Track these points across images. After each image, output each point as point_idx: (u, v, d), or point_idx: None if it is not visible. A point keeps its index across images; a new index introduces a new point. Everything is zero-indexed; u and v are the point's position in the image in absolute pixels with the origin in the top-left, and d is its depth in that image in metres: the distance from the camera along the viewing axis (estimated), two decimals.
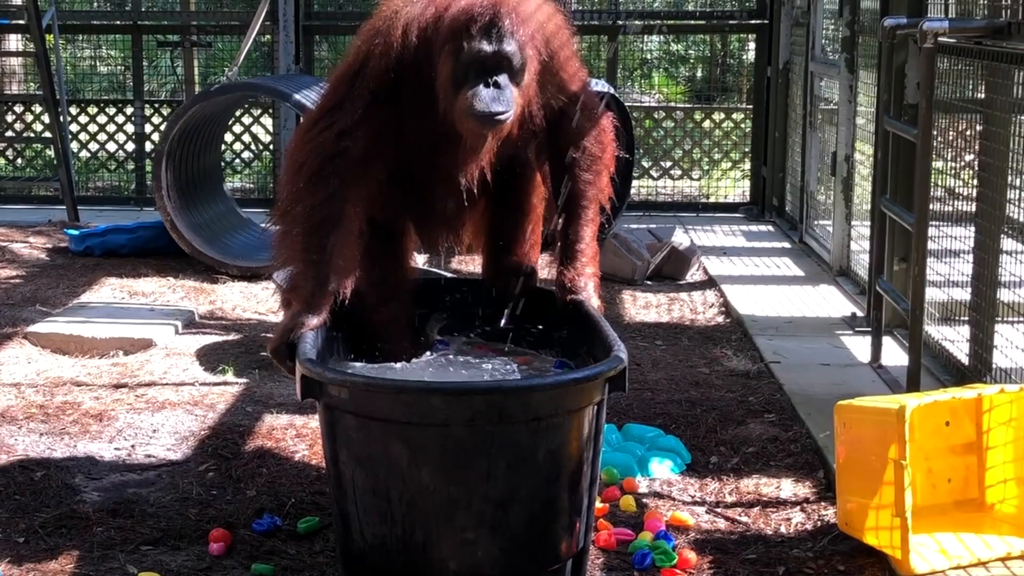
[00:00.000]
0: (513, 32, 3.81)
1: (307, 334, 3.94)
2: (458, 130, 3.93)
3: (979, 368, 5.44)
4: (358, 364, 4.28)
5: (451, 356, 4.40)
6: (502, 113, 3.81)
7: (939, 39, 5.37)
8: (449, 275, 6.63)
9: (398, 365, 4.30)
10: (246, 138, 11.96)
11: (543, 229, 4.61)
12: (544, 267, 8.81)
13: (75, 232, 9.19)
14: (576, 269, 4.31)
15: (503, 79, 3.82)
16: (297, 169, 4.03)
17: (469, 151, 4.03)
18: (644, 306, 7.79)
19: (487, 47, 3.79)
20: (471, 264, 8.03)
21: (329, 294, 4.02)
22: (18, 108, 12.21)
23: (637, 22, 11.29)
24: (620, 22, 11.31)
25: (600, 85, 9.82)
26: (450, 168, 4.12)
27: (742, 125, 11.65)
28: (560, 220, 4.33)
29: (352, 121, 3.98)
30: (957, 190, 6.22)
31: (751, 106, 11.51)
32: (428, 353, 4.43)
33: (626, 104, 10.23)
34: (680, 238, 8.68)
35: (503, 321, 4.50)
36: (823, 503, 4.65)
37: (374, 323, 4.34)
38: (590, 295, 4.30)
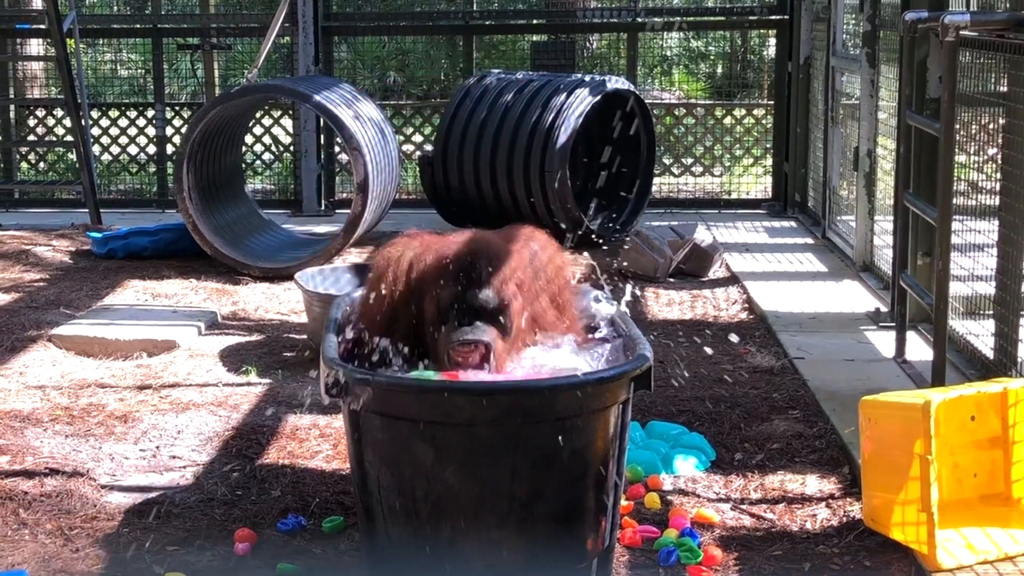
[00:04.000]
0: (488, 277, 3.98)
1: (330, 336, 3.96)
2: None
3: (1004, 362, 5.41)
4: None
5: None
6: (474, 351, 3.91)
7: (961, 32, 5.35)
8: None
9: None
10: (267, 140, 11.99)
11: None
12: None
13: (98, 235, 9.23)
14: None
15: (481, 319, 3.95)
16: None
17: None
18: (667, 303, 7.78)
19: (459, 291, 3.97)
20: None
21: None
22: (40, 112, 12.26)
23: (657, 19, 11.28)
24: (640, 19, 11.31)
25: (621, 83, 9.82)
26: None
27: (763, 121, 11.63)
28: None
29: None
30: (980, 184, 6.19)
31: (772, 102, 11.48)
32: None
33: (646, 101, 10.23)
34: (702, 235, 8.67)
35: None
36: (848, 499, 4.64)
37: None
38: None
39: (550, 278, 4.24)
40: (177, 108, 12.09)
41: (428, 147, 11.35)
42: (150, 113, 11.82)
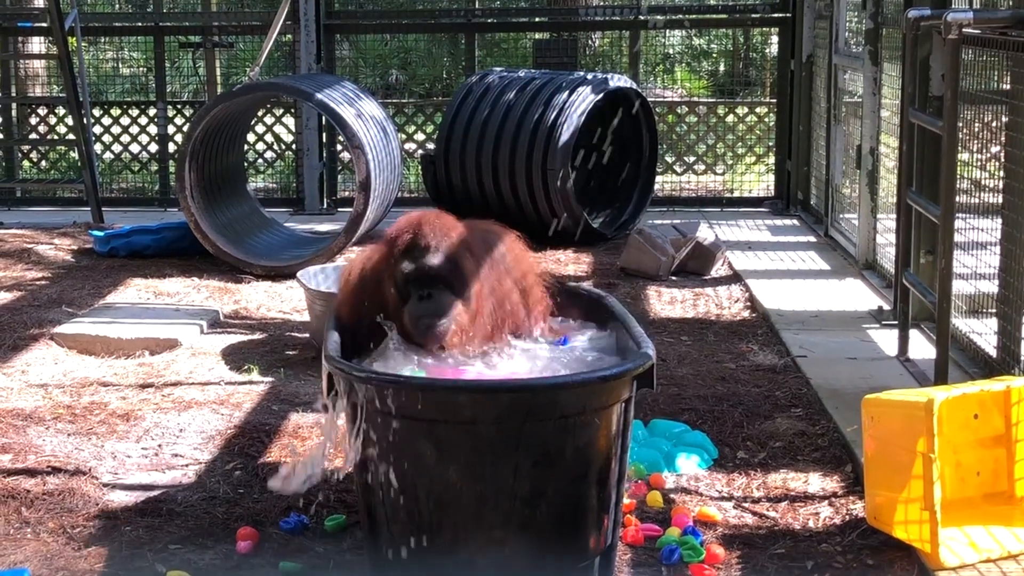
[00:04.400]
0: (435, 246, 4.13)
1: (332, 333, 3.96)
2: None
3: (1007, 360, 5.41)
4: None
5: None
6: (436, 323, 4.07)
7: (964, 30, 5.34)
8: None
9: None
10: (268, 138, 11.99)
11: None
12: (567, 263, 8.81)
13: (100, 233, 9.22)
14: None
15: (435, 290, 4.10)
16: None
17: None
18: (669, 302, 7.77)
19: (411, 266, 4.12)
20: None
21: None
22: (42, 111, 12.26)
23: (659, 17, 11.27)
24: (642, 17, 11.30)
25: (623, 81, 9.81)
26: None
27: (766, 119, 11.61)
28: None
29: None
30: (983, 182, 6.19)
31: (774, 100, 11.47)
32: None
33: (649, 99, 10.23)
34: (704, 233, 8.66)
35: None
36: (851, 497, 4.63)
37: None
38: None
39: (510, 266, 4.36)
40: (179, 106, 12.08)
41: (430, 145, 11.35)
42: (152, 111, 11.82)
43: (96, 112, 11.90)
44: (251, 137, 11.50)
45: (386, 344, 4.14)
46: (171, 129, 11.74)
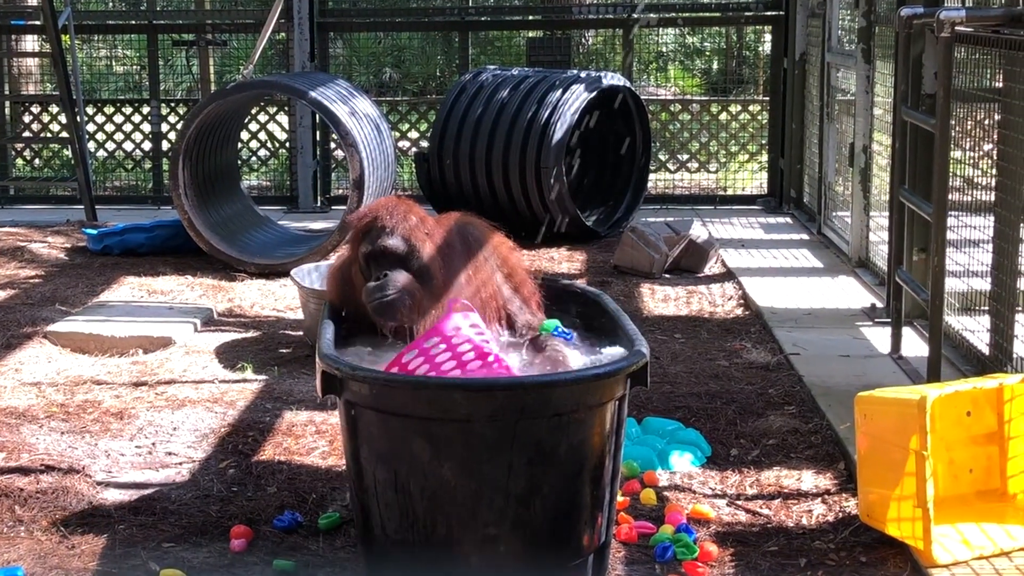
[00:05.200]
0: (391, 228, 4.30)
1: (326, 331, 3.96)
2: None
3: (1000, 358, 5.42)
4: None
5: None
6: (386, 297, 4.21)
7: (956, 28, 5.35)
8: None
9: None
10: (262, 136, 11.98)
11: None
12: (561, 261, 8.81)
13: (93, 231, 9.22)
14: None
15: (392, 270, 4.25)
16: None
17: None
18: (663, 299, 7.78)
19: (368, 247, 4.32)
20: None
21: None
22: (35, 109, 12.25)
23: (652, 15, 11.28)
24: (635, 15, 11.30)
25: (615, 79, 9.82)
26: None
27: (759, 117, 11.63)
28: None
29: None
30: (976, 179, 6.20)
31: (768, 98, 11.48)
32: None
33: (642, 97, 10.23)
34: (698, 231, 8.67)
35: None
36: (844, 495, 4.64)
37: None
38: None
39: (488, 252, 4.48)
40: (172, 104, 12.08)
41: (424, 144, 11.35)
42: (145, 109, 11.81)
43: (89, 110, 11.90)
44: (245, 135, 11.49)
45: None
46: (164, 127, 11.73)
